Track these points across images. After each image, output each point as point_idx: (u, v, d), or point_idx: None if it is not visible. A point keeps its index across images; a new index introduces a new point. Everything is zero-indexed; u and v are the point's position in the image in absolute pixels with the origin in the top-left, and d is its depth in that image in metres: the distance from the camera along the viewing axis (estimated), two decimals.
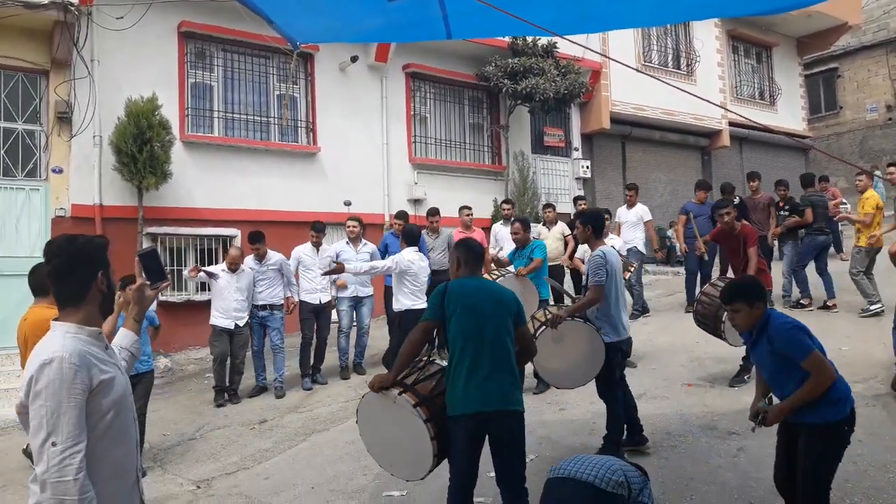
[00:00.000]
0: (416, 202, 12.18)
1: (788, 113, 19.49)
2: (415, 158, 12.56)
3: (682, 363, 7.64)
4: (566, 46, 12.03)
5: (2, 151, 9.06)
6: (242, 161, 10.62)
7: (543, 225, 9.80)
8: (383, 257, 8.33)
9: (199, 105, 10.55)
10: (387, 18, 4.27)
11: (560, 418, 6.30)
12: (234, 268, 7.66)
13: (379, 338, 9.12)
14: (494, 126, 13.74)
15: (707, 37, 16.91)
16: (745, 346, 6.47)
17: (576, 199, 11.42)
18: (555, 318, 5.04)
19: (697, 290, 9.46)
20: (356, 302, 8.42)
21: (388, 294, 8.38)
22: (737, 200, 10.17)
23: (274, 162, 10.92)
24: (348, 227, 8.42)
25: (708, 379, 7.08)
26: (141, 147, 8.91)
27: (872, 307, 8.79)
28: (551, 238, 9.43)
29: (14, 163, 9.14)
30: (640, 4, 4.26)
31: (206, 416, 7.24)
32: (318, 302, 8.17)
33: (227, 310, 7.60)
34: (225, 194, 10.36)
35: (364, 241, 8.53)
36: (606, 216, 8.65)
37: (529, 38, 12.66)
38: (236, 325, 7.62)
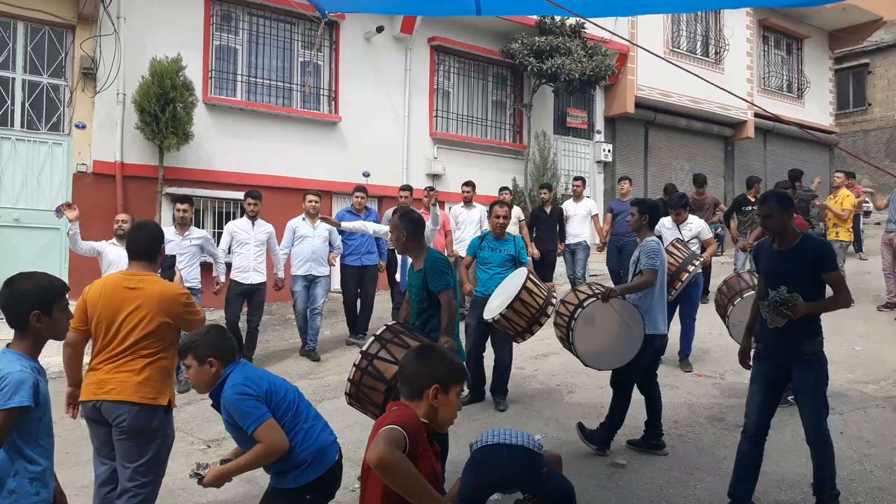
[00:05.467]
0: (435, 177, 12.16)
1: (816, 107, 19.19)
2: (435, 133, 12.50)
3: (694, 353, 7.62)
4: (594, 27, 11.90)
5: (27, 104, 9.11)
6: (264, 126, 10.62)
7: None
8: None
9: (223, 68, 10.54)
10: None
11: (568, 401, 6.32)
12: (122, 236, 6.52)
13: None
14: (517, 104, 13.64)
15: (738, 25, 16.64)
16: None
17: (619, 180, 10.94)
18: (608, 291, 4.95)
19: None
20: (310, 282, 7.92)
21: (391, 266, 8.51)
22: None
23: (295, 129, 10.92)
24: (311, 200, 7.95)
25: (718, 370, 7.07)
26: (164, 107, 8.93)
27: None
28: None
29: (38, 116, 9.18)
30: None
31: None
32: (249, 282, 7.50)
33: None
34: (245, 158, 10.38)
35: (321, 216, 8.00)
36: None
37: (558, 17, 12.51)
38: None
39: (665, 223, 7.60)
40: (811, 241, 4.11)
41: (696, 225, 7.59)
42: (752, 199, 10.30)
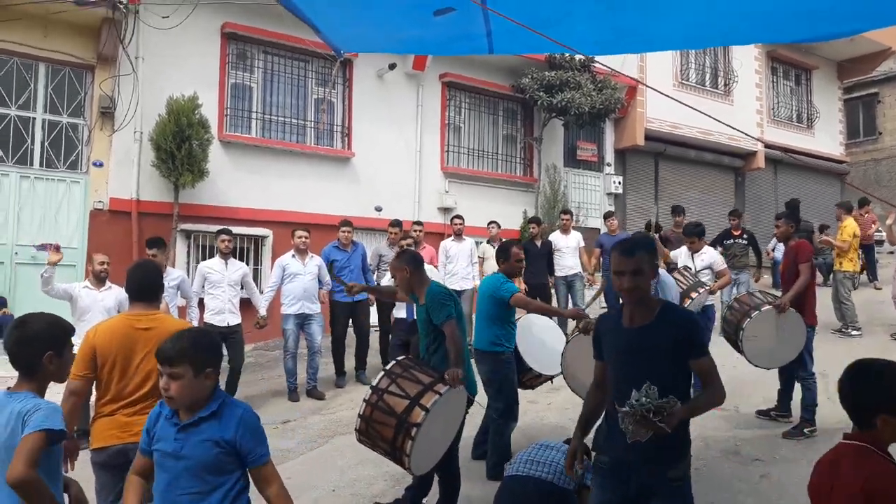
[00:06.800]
0: (446, 210, 12.24)
1: (826, 136, 19.22)
2: (447, 167, 12.62)
3: None
4: (603, 61, 12.02)
5: (46, 143, 9.31)
6: (278, 162, 10.77)
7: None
8: (330, 271, 7.77)
9: (238, 105, 10.73)
10: (431, 32, 4.32)
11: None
12: (103, 279, 6.50)
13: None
14: (528, 138, 13.76)
15: (746, 57, 16.77)
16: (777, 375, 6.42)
17: (605, 216, 11.33)
18: (588, 325, 4.94)
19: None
20: (303, 320, 7.79)
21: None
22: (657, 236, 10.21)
23: (309, 165, 11.06)
24: (300, 236, 7.86)
25: (732, 403, 7.00)
26: (180, 144, 9.10)
27: (855, 332, 9.65)
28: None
29: (57, 155, 9.37)
30: (679, 28, 4.26)
31: None
32: (225, 325, 7.20)
33: None
34: (259, 195, 10.52)
35: (311, 254, 7.98)
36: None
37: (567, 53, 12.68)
38: None
39: (681, 253, 7.63)
40: (674, 311, 3.08)
41: (709, 256, 7.52)
42: (735, 233, 10.42)
